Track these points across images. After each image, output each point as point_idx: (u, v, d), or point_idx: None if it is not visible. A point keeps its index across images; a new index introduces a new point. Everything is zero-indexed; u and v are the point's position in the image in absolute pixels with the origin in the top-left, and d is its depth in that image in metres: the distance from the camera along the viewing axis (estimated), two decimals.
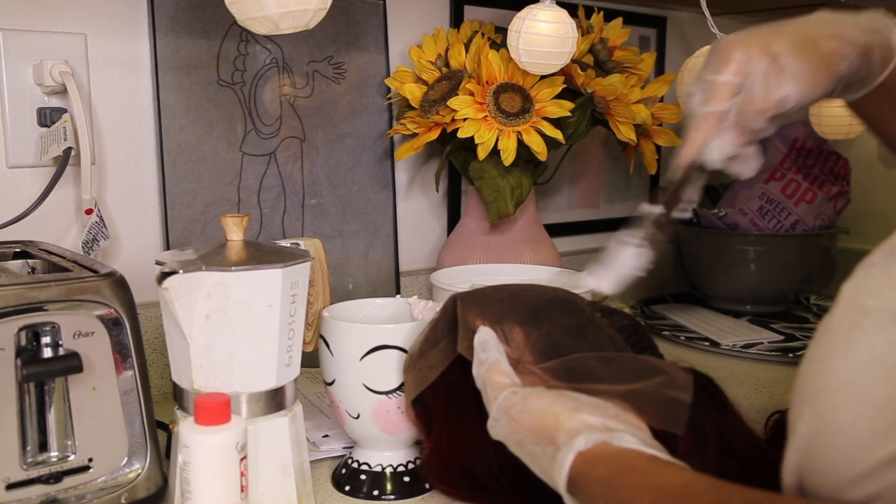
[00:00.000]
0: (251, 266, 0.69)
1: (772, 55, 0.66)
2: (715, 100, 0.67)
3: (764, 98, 0.66)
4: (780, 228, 1.48)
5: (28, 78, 0.97)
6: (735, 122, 0.67)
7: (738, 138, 0.68)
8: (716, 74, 0.67)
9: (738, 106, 0.67)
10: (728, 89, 0.67)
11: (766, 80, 0.66)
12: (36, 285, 0.68)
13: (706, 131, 0.68)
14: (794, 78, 0.66)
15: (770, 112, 0.66)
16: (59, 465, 0.69)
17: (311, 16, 0.79)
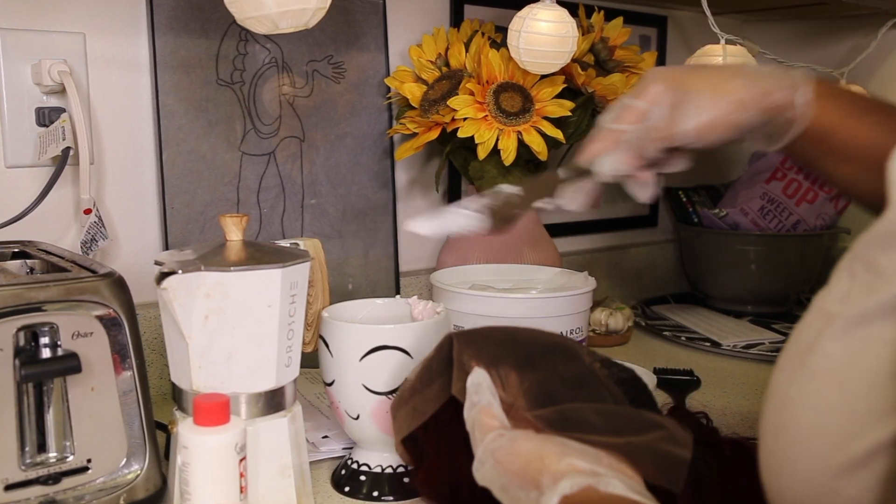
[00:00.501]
0: (250, 266, 0.69)
1: (680, 91, 0.70)
2: (620, 119, 0.72)
3: (660, 128, 0.70)
4: (781, 228, 1.48)
5: (27, 77, 0.96)
6: (631, 143, 0.72)
7: (630, 159, 0.72)
8: (632, 99, 0.72)
9: (637, 131, 0.71)
10: (635, 113, 0.72)
11: (667, 113, 0.70)
12: (34, 285, 0.68)
13: (603, 144, 0.73)
14: (691, 118, 0.69)
15: (664, 143, 0.71)
16: (58, 466, 0.69)
17: (311, 15, 0.79)
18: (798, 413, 0.50)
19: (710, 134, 0.70)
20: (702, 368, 1.20)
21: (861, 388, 0.48)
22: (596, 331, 1.32)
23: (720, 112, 0.69)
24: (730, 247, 1.50)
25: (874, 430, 0.47)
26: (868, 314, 0.48)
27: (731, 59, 1.12)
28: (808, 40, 1.66)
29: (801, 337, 0.53)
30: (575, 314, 0.89)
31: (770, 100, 0.70)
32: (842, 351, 0.49)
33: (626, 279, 1.59)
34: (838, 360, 0.49)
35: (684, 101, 0.70)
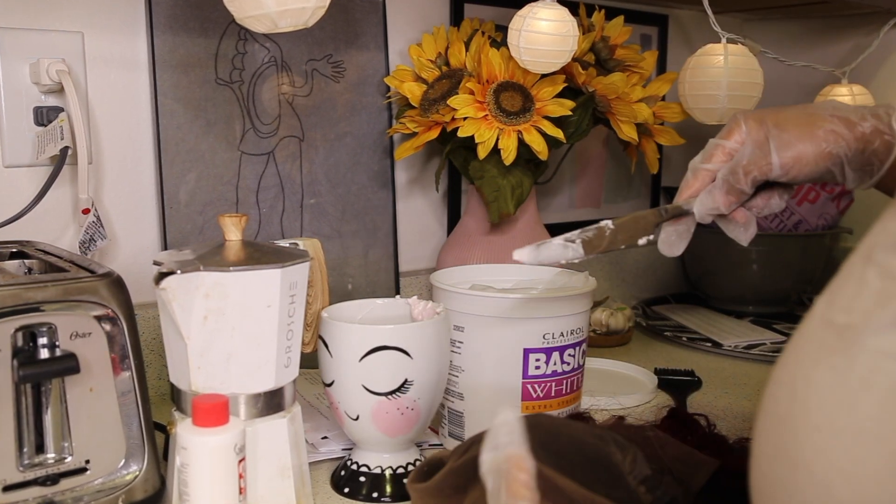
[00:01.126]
0: (249, 266, 0.69)
1: (766, 127, 0.72)
2: (710, 160, 0.75)
3: (750, 161, 0.72)
4: (782, 228, 1.47)
5: (25, 77, 0.96)
6: (723, 180, 0.73)
7: (723, 196, 0.74)
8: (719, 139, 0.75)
9: (729, 167, 0.73)
10: (723, 152, 0.74)
11: (755, 148, 0.72)
12: (32, 286, 0.68)
13: (697, 184, 0.76)
14: (780, 149, 0.71)
15: (753, 174, 0.72)
16: (56, 467, 0.68)
17: (310, 14, 0.79)
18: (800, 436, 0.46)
19: (803, 166, 0.71)
20: (703, 369, 1.20)
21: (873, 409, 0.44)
22: (596, 331, 1.31)
23: (810, 142, 0.71)
24: (731, 246, 1.44)
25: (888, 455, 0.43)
26: (882, 326, 0.44)
27: (733, 57, 1.12)
28: (810, 39, 1.66)
29: (803, 350, 0.49)
30: (575, 314, 0.89)
31: (863, 126, 0.71)
32: (851, 367, 0.45)
33: (627, 279, 1.59)
34: (847, 376, 0.45)
35: (774, 136, 0.71)
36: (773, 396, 0.50)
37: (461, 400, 0.90)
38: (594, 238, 0.74)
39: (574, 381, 0.91)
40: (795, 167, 0.71)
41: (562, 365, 0.89)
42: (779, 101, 1.61)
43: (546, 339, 0.87)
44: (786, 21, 1.69)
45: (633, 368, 1.17)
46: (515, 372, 0.87)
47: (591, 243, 0.74)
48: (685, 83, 1.16)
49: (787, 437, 0.47)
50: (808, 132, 0.71)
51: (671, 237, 0.78)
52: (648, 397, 1.08)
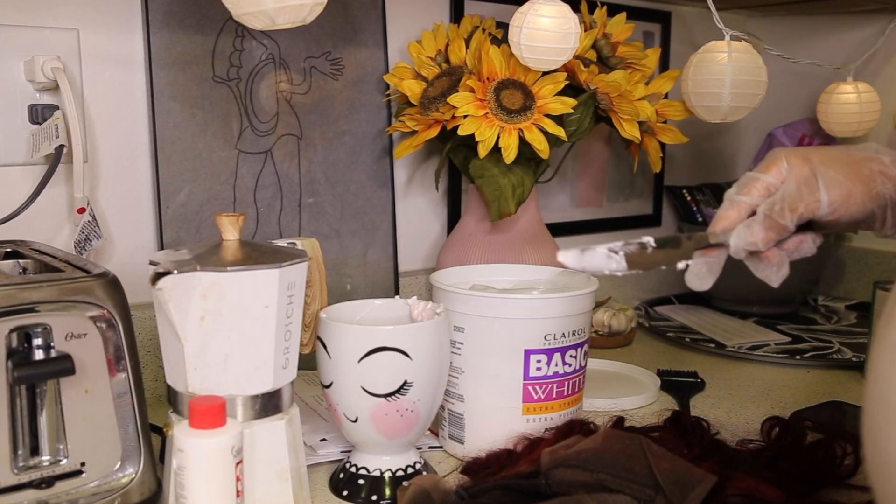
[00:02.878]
0: (247, 266, 0.69)
1: (811, 164, 0.70)
2: (748, 192, 0.72)
3: (796, 197, 0.69)
4: None
5: (19, 74, 0.96)
6: (765, 214, 0.70)
7: (763, 231, 0.71)
8: (758, 173, 0.73)
9: (771, 201, 0.71)
10: (762, 186, 0.72)
11: (801, 184, 0.70)
12: (27, 286, 0.68)
13: (734, 215, 0.73)
14: (828, 187, 0.69)
15: (798, 213, 0.69)
16: (51, 470, 0.68)
17: (308, 11, 0.79)
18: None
19: (848, 204, 0.69)
20: (706, 370, 1.19)
21: None
22: (598, 332, 1.31)
23: (857, 181, 0.69)
24: None
25: None
26: None
27: (736, 54, 1.12)
28: (814, 36, 1.66)
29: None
30: (577, 315, 0.89)
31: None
32: None
33: (629, 279, 1.58)
34: None
35: (821, 173, 0.70)
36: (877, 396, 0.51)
37: (461, 402, 0.89)
38: (637, 253, 0.71)
39: (576, 383, 0.90)
40: (843, 206, 0.69)
41: (563, 366, 0.88)
42: (783, 99, 1.62)
43: (547, 339, 0.87)
44: (790, 17, 1.69)
45: (636, 370, 1.16)
46: (516, 373, 0.87)
47: (635, 258, 0.71)
48: (688, 81, 1.16)
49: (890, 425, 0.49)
50: (854, 171, 0.69)
51: (701, 269, 0.75)
52: (651, 399, 1.07)
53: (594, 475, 0.69)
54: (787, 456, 0.83)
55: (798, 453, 0.83)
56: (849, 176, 0.69)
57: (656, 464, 0.69)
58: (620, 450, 0.71)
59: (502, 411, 0.87)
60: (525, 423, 0.87)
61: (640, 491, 0.67)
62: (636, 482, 0.68)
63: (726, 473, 0.71)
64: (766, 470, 0.78)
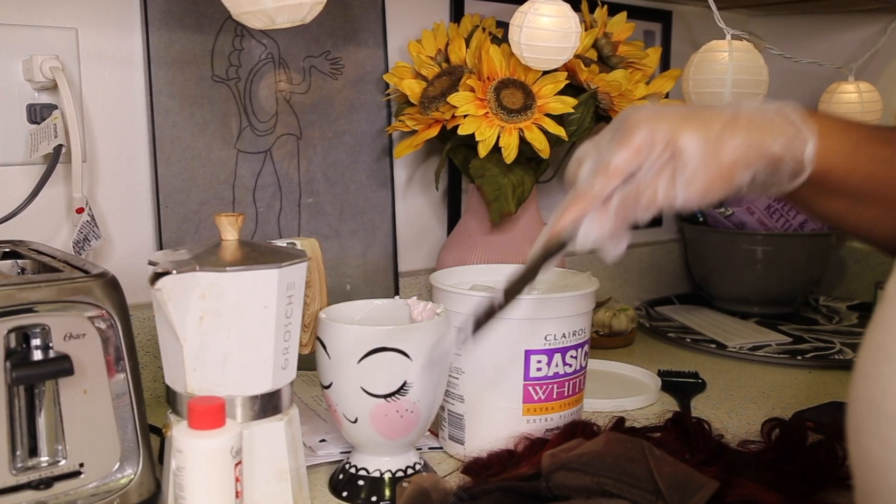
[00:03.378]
0: (246, 266, 0.69)
1: (673, 149, 0.64)
2: (604, 181, 0.65)
3: (651, 197, 0.64)
4: (788, 227, 1.47)
5: (18, 73, 0.96)
6: (618, 209, 0.65)
7: (614, 226, 0.66)
8: (615, 148, 0.66)
9: (623, 195, 0.65)
10: (620, 174, 0.65)
11: (658, 177, 0.64)
12: (26, 286, 0.68)
13: (585, 207, 0.66)
14: (687, 183, 0.64)
15: (653, 211, 0.65)
16: (50, 471, 0.68)
17: (308, 10, 0.79)
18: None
19: (705, 197, 0.65)
20: (707, 371, 1.19)
21: None
22: (599, 332, 1.31)
23: (717, 174, 0.64)
24: (736, 246, 1.49)
25: None
26: None
27: (737, 54, 1.11)
28: (815, 35, 1.66)
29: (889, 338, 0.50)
30: (578, 315, 0.89)
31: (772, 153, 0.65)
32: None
33: (630, 279, 1.58)
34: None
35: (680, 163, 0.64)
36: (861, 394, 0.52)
37: (461, 402, 0.89)
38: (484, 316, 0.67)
39: (576, 384, 0.90)
40: (700, 199, 0.64)
41: (564, 367, 0.88)
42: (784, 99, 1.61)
43: (548, 340, 0.87)
44: (791, 17, 1.69)
45: (637, 370, 1.16)
46: (517, 374, 0.87)
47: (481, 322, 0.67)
48: (689, 80, 1.16)
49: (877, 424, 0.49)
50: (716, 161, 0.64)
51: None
52: (652, 400, 1.07)
53: (595, 479, 0.68)
54: (788, 457, 0.82)
55: (799, 454, 0.83)
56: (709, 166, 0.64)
57: (658, 468, 0.69)
58: (622, 454, 0.71)
59: (502, 412, 0.87)
60: (525, 424, 0.87)
61: (640, 496, 0.67)
62: (637, 486, 0.68)
63: (729, 479, 0.71)
64: (768, 471, 0.78)
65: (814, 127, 0.66)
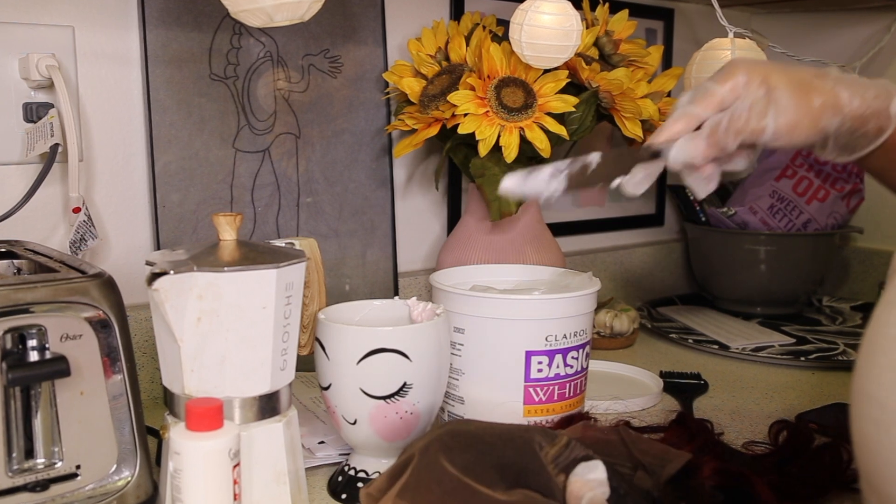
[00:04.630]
0: (244, 267, 0.69)
1: (767, 87, 0.70)
2: (700, 104, 0.71)
3: (743, 121, 0.69)
4: (791, 227, 1.47)
5: (14, 72, 0.96)
6: (709, 132, 0.70)
7: (705, 148, 0.71)
8: (714, 84, 0.71)
9: (718, 118, 0.70)
10: (716, 100, 0.71)
11: (751, 107, 0.69)
12: (22, 286, 0.67)
13: (679, 127, 0.72)
14: (777, 115, 0.69)
15: (743, 136, 0.70)
16: (46, 473, 0.68)
17: (307, 7, 0.79)
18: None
19: (792, 135, 0.70)
20: (709, 372, 1.19)
21: None
22: (600, 333, 1.31)
23: (807, 113, 0.69)
24: (738, 246, 1.49)
25: None
26: None
27: (740, 52, 1.11)
28: (819, 33, 1.65)
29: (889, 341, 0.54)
30: (579, 316, 0.89)
31: (861, 106, 0.69)
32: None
33: (632, 280, 1.58)
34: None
35: (772, 98, 0.69)
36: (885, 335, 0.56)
37: (461, 404, 0.89)
38: (578, 173, 0.71)
39: (577, 385, 0.90)
40: (787, 135, 0.70)
41: (565, 368, 0.88)
42: None
43: (548, 341, 0.87)
44: (794, 15, 1.69)
45: (638, 371, 1.16)
46: (517, 375, 0.87)
47: (575, 178, 0.71)
48: (691, 78, 1.16)
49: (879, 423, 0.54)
50: (806, 101, 0.69)
51: (638, 175, 0.74)
52: (653, 401, 1.07)
53: None
54: (793, 459, 0.82)
55: (804, 457, 0.82)
56: (800, 105, 0.69)
57: (634, 445, 0.71)
58: (599, 437, 0.72)
59: (503, 413, 0.87)
60: None
61: (619, 466, 0.67)
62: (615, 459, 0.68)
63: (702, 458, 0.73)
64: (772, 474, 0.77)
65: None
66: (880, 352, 0.55)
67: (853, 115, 0.70)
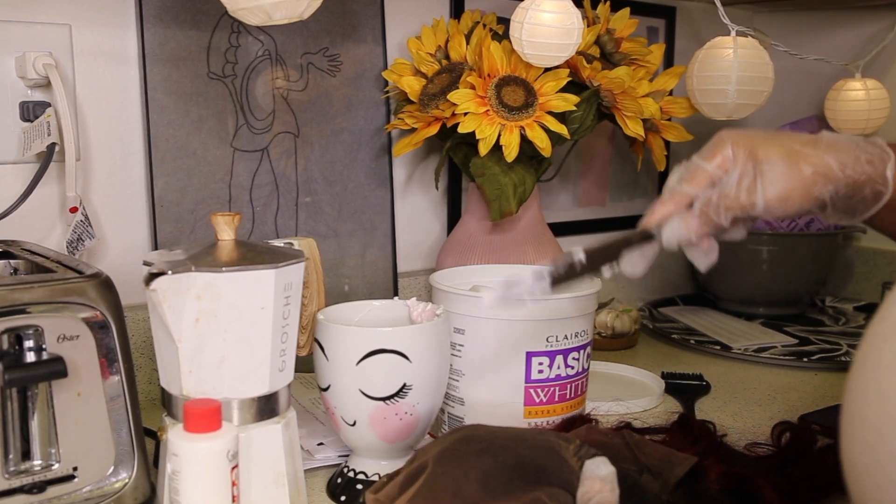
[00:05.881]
0: (243, 267, 0.69)
1: (755, 160, 0.70)
2: (690, 182, 0.72)
3: (733, 197, 0.70)
4: (794, 227, 1.47)
5: (10, 71, 0.96)
6: (701, 210, 0.71)
7: (698, 227, 0.71)
8: (702, 161, 0.72)
9: (708, 196, 0.71)
10: (705, 177, 0.71)
11: (740, 182, 0.70)
12: (18, 286, 0.67)
13: (669, 208, 0.73)
14: (766, 188, 0.69)
15: (734, 212, 0.70)
16: (43, 474, 0.68)
17: (306, 6, 0.79)
18: None
19: (785, 205, 0.70)
20: (711, 373, 1.19)
21: None
22: (602, 334, 1.30)
23: (798, 184, 0.69)
24: (740, 246, 1.45)
25: None
26: None
27: (742, 50, 1.11)
28: (822, 32, 1.65)
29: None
30: (579, 317, 0.89)
31: (854, 173, 0.69)
32: None
33: (633, 280, 1.57)
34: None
35: (760, 171, 0.69)
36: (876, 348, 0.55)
37: (461, 405, 0.89)
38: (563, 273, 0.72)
39: (578, 386, 0.90)
40: (779, 208, 0.70)
41: (566, 369, 0.88)
42: (790, 96, 1.61)
43: (549, 342, 0.87)
44: (797, 13, 1.69)
45: (640, 372, 1.16)
46: (518, 376, 0.87)
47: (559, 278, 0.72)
48: (693, 77, 1.16)
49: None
50: (796, 172, 0.69)
51: (633, 258, 0.75)
52: (655, 402, 1.07)
53: None
54: (795, 461, 0.81)
55: (807, 459, 0.82)
56: (790, 177, 0.69)
57: (639, 449, 0.71)
58: (604, 441, 0.72)
59: (503, 414, 0.87)
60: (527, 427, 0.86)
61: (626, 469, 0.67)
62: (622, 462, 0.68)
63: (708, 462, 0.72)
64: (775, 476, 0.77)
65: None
66: (867, 366, 0.55)
67: (847, 182, 0.69)
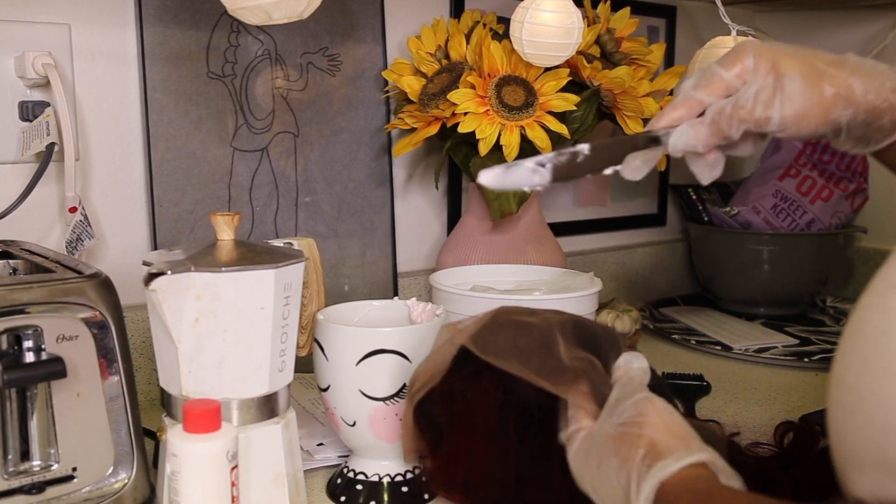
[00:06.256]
0: (242, 267, 0.69)
1: (776, 73, 0.66)
2: (705, 89, 0.68)
3: (748, 109, 0.66)
4: (794, 227, 1.46)
5: (9, 70, 0.96)
6: (712, 119, 0.67)
7: (707, 136, 0.68)
8: (720, 69, 0.68)
9: (722, 105, 0.67)
10: (722, 85, 0.68)
11: (757, 95, 0.66)
12: (18, 287, 0.67)
13: (680, 113, 0.69)
14: (784, 104, 0.65)
15: (747, 125, 0.66)
16: (42, 475, 0.68)
17: (305, 5, 0.79)
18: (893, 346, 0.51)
19: (800, 125, 0.66)
20: (712, 373, 1.18)
21: None
22: None
23: (817, 103, 0.65)
24: (741, 246, 1.49)
25: None
26: None
27: None
28: (823, 31, 1.65)
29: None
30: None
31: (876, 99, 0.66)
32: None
33: (634, 280, 1.58)
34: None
35: (780, 85, 0.65)
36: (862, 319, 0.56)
37: None
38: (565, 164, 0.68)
39: None
40: (794, 127, 0.66)
41: None
42: None
43: None
44: (798, 12, 1.69)
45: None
46: None
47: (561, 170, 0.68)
48: None
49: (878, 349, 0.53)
50: (817, 91, 0.65)
51: (636, 162, 0.70)
52: None
53: None
54: (797, 461, 0.81)
55: (809, 459, 0.82)
56: (809, 95, 0.65)
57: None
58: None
59: None
60: None
61: None
62: None
63: None
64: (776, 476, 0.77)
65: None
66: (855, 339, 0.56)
67: (867, 108, 0.66)
